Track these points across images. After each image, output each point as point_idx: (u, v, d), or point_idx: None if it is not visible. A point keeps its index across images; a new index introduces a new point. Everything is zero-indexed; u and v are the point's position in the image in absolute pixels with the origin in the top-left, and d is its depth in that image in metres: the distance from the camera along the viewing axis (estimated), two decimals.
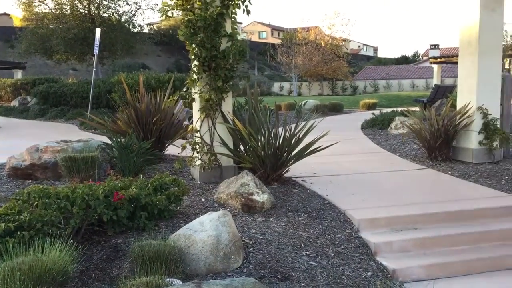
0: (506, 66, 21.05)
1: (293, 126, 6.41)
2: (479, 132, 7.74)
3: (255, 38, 71.61)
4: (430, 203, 5.78)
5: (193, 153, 6.50)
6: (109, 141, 6.89)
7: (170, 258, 3.69)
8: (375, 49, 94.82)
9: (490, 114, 7.71)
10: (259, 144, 6.18)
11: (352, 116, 18.31)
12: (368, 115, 15.24)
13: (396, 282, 4.38)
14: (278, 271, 4.01)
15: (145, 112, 7.44)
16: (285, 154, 6.29)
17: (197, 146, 6.33)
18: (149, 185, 4.91)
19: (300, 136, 6.30)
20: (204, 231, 4.05)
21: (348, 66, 47.02)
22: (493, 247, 5.12)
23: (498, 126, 7.79)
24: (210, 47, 6.08)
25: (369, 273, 4.37)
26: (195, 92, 6.39)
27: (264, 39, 72.87)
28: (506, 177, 6.90)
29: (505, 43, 19.25)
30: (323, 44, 44.50)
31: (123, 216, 4.39)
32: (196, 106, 6.48)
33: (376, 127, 12.86)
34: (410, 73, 50.04)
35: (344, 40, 47.72)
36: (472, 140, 7.81)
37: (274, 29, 76.08)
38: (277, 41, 51.92)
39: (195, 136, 6.40)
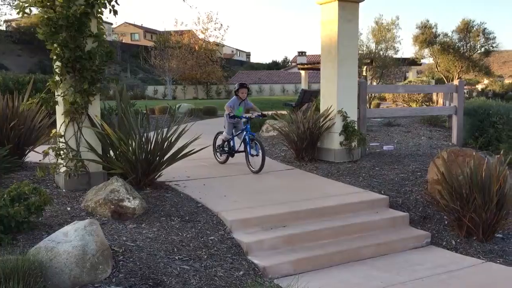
0: (364, 73, 23.05)
1: (166, 130, 6.33)
2: (340, 134, 8.37)
3: (127, 39, 69.27)
4: (297, 201, 6.10)
5: (57, 160, 6.08)
6: None
7: (29, 273, 3.40)
8: (248, 55, 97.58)
9: (349, 117, 8.38)
10: (130, 148, 5.99)
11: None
12: None
13: (266, 279, 4.54)
14: (150, 278, 3.93)
15: (0, 116, 6.79)
16: (157, 158, 6.19)
17: (62, 152, 5.93)
18: (5, 195, 4.49)
19: (172, 140, 6.25)
20: (68, 242, 3.81)
21: (222, 71, 47.78)
22: (352, 240, 5.57)
23: (356, 127, 8.49)
24: (74, 48, 5.75)
25: (241, 272, 4.48)
26: (58, 95, 6.00)
27: (136, 41, 70.84)
28: (363, 175, 7.55)
29: (362, 52, 21.08)
30: (197, 48, 44.66)
31: None
32: (59, 109, 6.08)
33: None
34: (281, 78, 52.50)
35: (217, 44, 48.37)
36: (334, 141, 8.41)
37: (147, 31, 74.37)
38: (151, 44, 50.86)
39: (59, 142, 6.00)
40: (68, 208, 5.30)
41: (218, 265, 4.49)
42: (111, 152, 6.33)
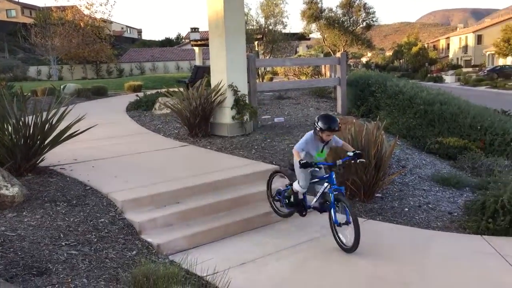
0: (256, 49, 23.40)
1: (49, 112, 5.94)
2: (232, 108, 8.47)
3: (2, 16, 63.31)
4: (191, 176, 6.10)
5: None
6: None
7: None
8: (139, 32, 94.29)
9: (239, 91, 8.49)
10: (6, 133, 5.55)
11: (116, 99, 17.94)
12: (133, 97, 15.15)
13: (161, 256, 4.52)
14: (34, 267, 3.72)
15: None
16: (38, 142, 5.81)
17: None
18: None
19: (54, 122, 5.89)
20: None
21: (112, 49, 45.61)
22: (247, 210, 5.70)
23: (247, 101, 8.64)
24: None
25: (134, 252, 4.41)
26: None
27: (13, 17, 64.99)
28: (256, 147, 7.74)
29: (252, 27, 21.35)
30: (82, 24, 42.05)
31: None
32: None
33: (141, 109, 12.89)
34: (175, 55, 51.49)
35: (105, 21, 45.91)
36: (227, 116, 8.50)
37: (25, 7, 68.47)
38: (30, 21, 46.89)
39: None
40: None
41: (110, 247, 4.37)
42: None
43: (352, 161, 4.98)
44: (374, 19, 36.30)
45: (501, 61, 52.34)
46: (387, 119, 9.05)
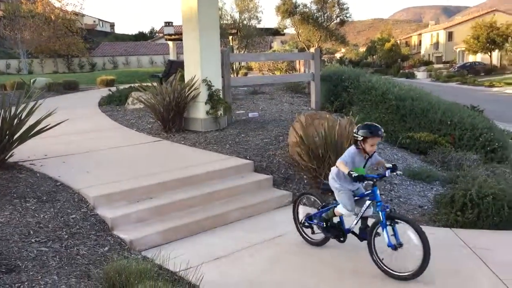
0: (231, 43, 23.32)
1: (18, 107, 5.81)
2: (206, 103, 8.43)
3: None
4: (165, 172, 6.06)
5: None
6: None
7: None
8: (112, 25, 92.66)
9: (213, 86, 8.46)
10: None
11: (89, 94, 17.66)
12: (105, 92, 14.94)
13: (134, 252, 4.48)
14: (2, 264, 3.64)
15: None
16: (6, 137, 5.67)
17: None
18: None
19: (23, 117, 5.76)
20: None
21: (84, 42, 44.78)
22: (220, 205, 5.70)
23: (221, 96, 8.62)
24: None
25: (106, 248, 4.36)
26: None
27: None
28: (230, 142, 7.74)
29: (226, 22, 21.28)
30: (53, 17, 41.12)
31: None
32: None
33: (113, 104, 12.72)
34: (148, 50, 50.89)
35: (76, 14, 45.00)
36: (201, 111, 8.46)
37: None
38: None
39: None
40: None
41: (81, 243, 4.31)
42: None
43: (393, 173, 4.31)
44: (347, 15, 36.69)
45: (471, 58, 53.52)
46: (360, 115, 9.14)
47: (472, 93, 27.98)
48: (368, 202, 4.23)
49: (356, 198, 4.33)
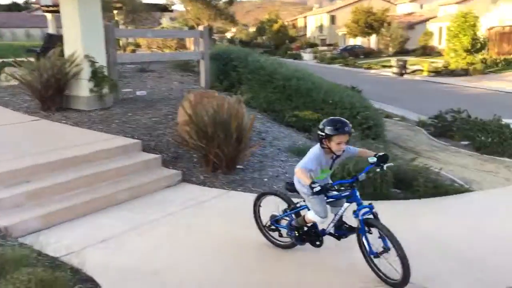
0: (116, 18, 22.28)
1: None
2: (89, 80, 7.98)
3: None
4: (45, 152, 5.69)
5: None
6: None
7: None
8: None
9: (97, 62, 8.02)
10: None
11: None
12: None
13: (10, 239, 4.17)
14: None
15: None
16: None
17: None
18: None
19: None
20: None
21: None
22: (107, 186, 5.50)
23: (106, 73, 8.23)
24: None
25: None
26: None
27: None
28: (116, 121, 7.45)
29: None
30: None
31: None
32: None
33: None
34: (24, 22, 46.75)
35: None
36: (84, 88, 8.00)
37: None
38: None
39: None
40: None
41: None
42: None
43: (378, 170, 3.74)
44: None
45: (352, 41, 56.87)
46: (248, 94, 9.34)
47: (353, 74, 29.84)
48: (346, 205, 3.74)
49: (331, 200, 3.79)
